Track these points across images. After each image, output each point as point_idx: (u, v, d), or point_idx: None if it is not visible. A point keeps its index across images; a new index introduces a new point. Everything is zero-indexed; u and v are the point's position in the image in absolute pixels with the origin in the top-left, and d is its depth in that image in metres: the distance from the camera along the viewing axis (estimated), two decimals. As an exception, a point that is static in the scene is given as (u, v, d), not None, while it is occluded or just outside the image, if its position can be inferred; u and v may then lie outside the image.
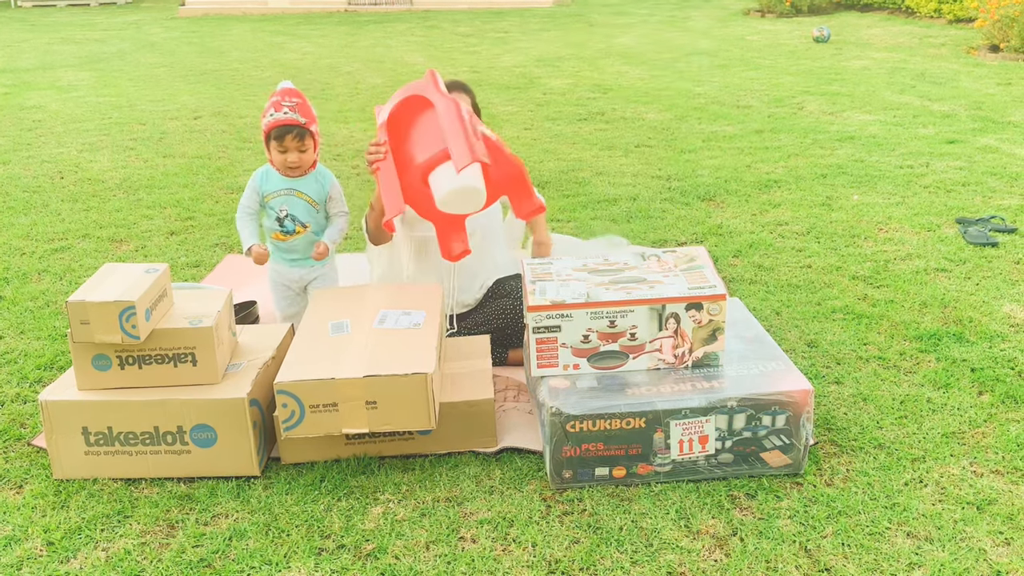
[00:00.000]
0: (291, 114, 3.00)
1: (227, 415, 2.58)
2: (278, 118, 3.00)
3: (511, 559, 2.27)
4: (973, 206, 4.75)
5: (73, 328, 2.54)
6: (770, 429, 2.53)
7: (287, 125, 3.00)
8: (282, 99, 3.00)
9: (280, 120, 2.99)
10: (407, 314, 2.84)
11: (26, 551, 2.34)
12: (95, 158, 6.19)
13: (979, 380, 3.05)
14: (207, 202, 5.18)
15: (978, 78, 8.26)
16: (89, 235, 4.66)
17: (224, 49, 11.45)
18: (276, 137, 3.02)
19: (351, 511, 2.46)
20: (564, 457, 2.51)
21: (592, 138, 6.54)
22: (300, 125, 3.01)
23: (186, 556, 2.30)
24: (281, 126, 3.00)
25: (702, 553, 2.28)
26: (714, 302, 2.61)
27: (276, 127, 3.00)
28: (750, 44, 10.95)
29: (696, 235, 4.48)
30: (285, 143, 3.02)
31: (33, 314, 3.73)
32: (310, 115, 3.06)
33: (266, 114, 3.02)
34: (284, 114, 2.99)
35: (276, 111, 3.00)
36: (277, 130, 3.01)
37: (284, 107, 2.99)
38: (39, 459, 2.73)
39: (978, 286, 3.78)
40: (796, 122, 6.81)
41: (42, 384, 3.15)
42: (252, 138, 6.69)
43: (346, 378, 2.49)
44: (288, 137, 3.02)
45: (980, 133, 6.26)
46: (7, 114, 7.65)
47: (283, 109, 2.99)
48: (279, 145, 3.03)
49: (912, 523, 2.36)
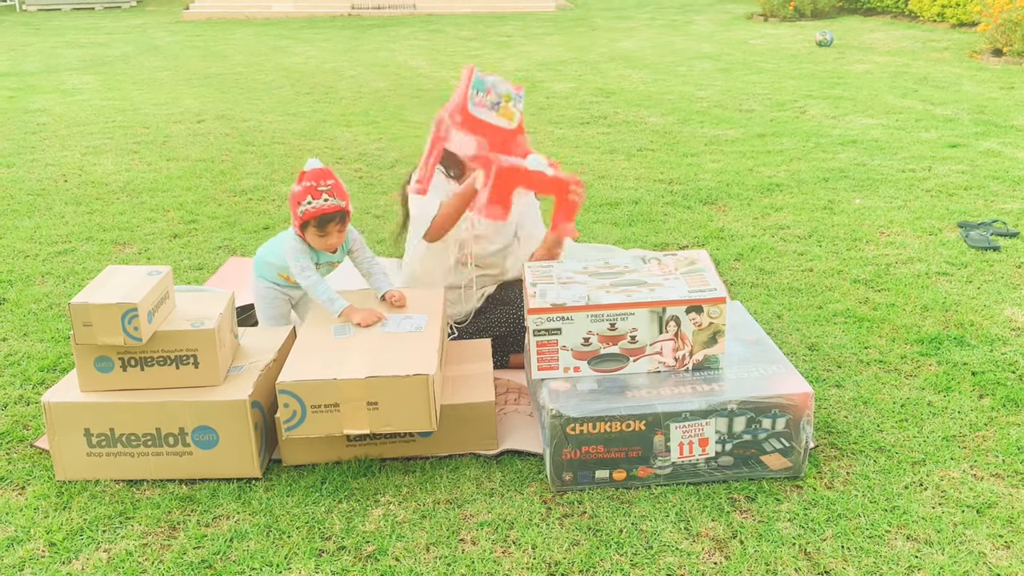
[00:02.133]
0: (331, 200, 2.85)
1: (229, 417, 2.59)
2: (319, 206, 2.83)
3: (511, 561, 2.27)
4: (975, 210, 4.75)
5: (76, 330, 2.55)
6: (770, 432, 2.53)
7: (329, 213, 2.85)
8: (317, 184, 2.84)
9: (323, 208, 2.84)
10: (409, 318, 2.85)
11: (28, 552, 2.35)
12: (99, 161, 6.21)
13: (980, 384, 3.05)
14: (210, 205, 5.20)
15: (981, 82, 8.26)
16: (92, 238, 4.67)
17: (228, 53, 11.48)
18: (318, 225, 2.87)
19: (352, 513, 2.47)
20: (564, 459, 2.51)
21: (594, 142, 6.55)
22: (341, 209, 2.88)
23: (187, 557, 2.31)
24: (325, 214, 2.85)
25: (702, 556, 2.28)
26: (714, 305, 2.62)
27: (319, 216, 2.85)
28: (753, 48, 10.96)
29: (698, 239, 4.49)
30: (327, 229, 2.89)
31: (36, 316, 3.74)
32: (344, 194, 2.91)
33: (302, 200, 2.84)
34: (324, 201, 2.83)
35: (315, 199, 2.83)
36: (320, 219, 2.86)
37: (323, 194, 2.83)
38: (41, 460, 2.74)
39: (979, 290, 3.79)
40: (798, 126, 6.82)
41: (45, 386, 3.16)
42: (255, 141, 6.71)
43: (348, 378, 2.50)
44: (331, 224, 2.88)
45: (982, 137, 6.27)
46: (12, 117, 7.67)
47: (322, 196, 2.83)
48: (320, 231, 2.89)
49: (912, 526, 2.36)
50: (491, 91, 2.96)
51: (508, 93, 2.98)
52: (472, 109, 2.94)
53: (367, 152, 6.36)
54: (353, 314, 2.82)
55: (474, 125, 2.94)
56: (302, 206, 2.84)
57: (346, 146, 6.56)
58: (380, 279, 3.04)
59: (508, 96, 2.98)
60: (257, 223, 4.86)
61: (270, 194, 5.40)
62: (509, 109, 2.98)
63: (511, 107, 2.98)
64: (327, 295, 2.87)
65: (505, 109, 2.97)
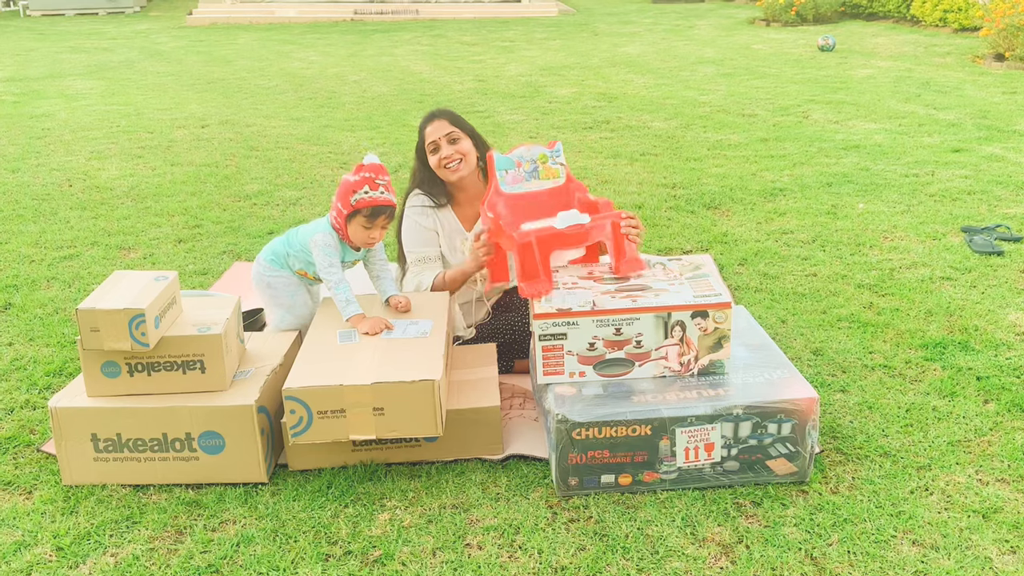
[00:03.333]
0: (387, 194, 2.88)
1: (235, 422, 2.60)
2: (376, 197, 2.85)
3: (517, 566, 2.28)
4: (979, 215, 4.76)
5: (83, 335, 2.56)
6: (776, 437, 2.54)
7: (383, 206, 2.87)
8: (376, 176, 2.86)
9: (378, 200, 2.85)
10: (415, 323, 2.86)
11: (35, 556, 2.35)
12: (103, 166, 6.23)
13: (985, 389, 3.05)
14: (214, 210, 5.21)
15: (983, 87, 8.26)
16: (97, 243, 4.69)
17: (231, 58, 11.51)
18: (369, 215, 2.87)
19: (358, 518, 2.48)
20: (570, 464, 2.51)
21: (597, 146, 6.56)
22: (394, 205, 2.91)
23: (194, 562, 2.32)
24: (379, 206, 2.87)
25: (708, 560, 2.28)
26: (720, 310, 2.62)
27: (374, 206, 2.86)
28: (755, 53, 10.97)
29: (701, 243, 4.49)
30: (377, 222, 2.90)
31: (42, 321, 3.75)
32: (394, 194, 2.94)
33: (355, 189, 2.85)
34: (381, 194, 2.86)
35: (372, 190, 2.85)
36: (374, 209, 2.87)
37: (380, 186, 2.86)
38: (48, 465, 2.75)
39: (984, 295, 3.79)
40: (801, 131, 6.82)
41: (51, 391, 3.17)
42: (259, 146, 6.73)
43: (354, 384, 2.50)
44: (382, 217, 2.89)
45: (985, 142, 6.27)
46: (16, 122, 7.70)
47: (379, 188, 2.86)
48: (368, 222, 2.89)
49: (918, 531, 2.37)
50: (521, 164, 2.98)
51: (542, 155, 2.99)
52: (507, 189, 2.96)
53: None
54: (360, 323, 2.82)
55: (518, 201, 2.94)
56: (357, 195, 2.85)
57: (349, 151, 6.58)
58: (388, 283, 3.05)
59: (543, 157, 2.99)
60: (261, 228, 4.87)
61: (274, 199, 5.41)
62: (550, 168, 2.99)
63: (551, 165, 2.99)
64: (346, 296, 2.87)
65: (546, 169, 2.99)
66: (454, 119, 3.24)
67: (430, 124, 3.23)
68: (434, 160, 3.21)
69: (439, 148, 3.19)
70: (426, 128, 3.23)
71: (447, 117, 3.24)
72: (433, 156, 3.21)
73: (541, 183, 2.99)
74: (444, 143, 3.19)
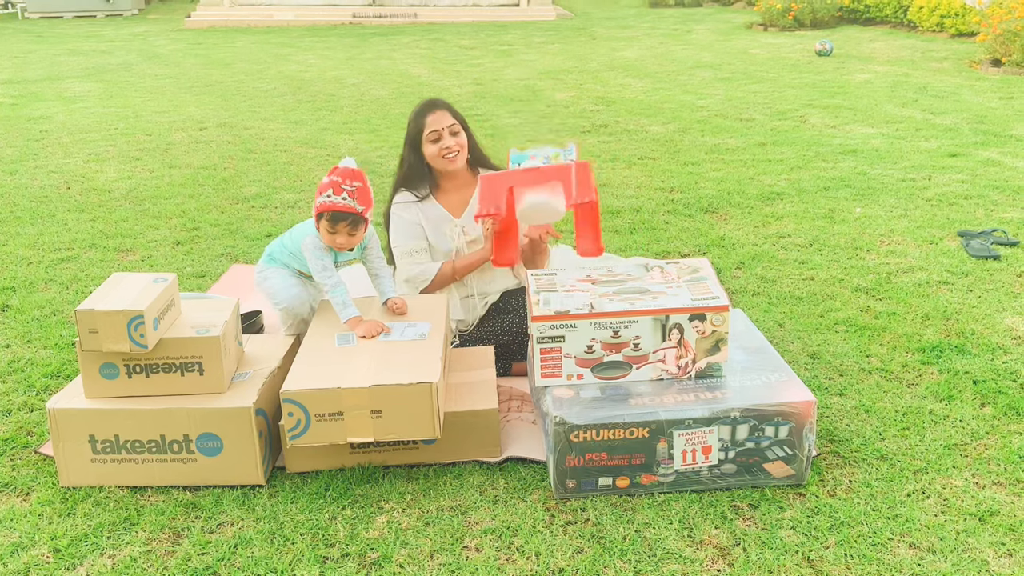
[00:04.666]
0: (349, 200, 2.84)
1: (233, 424, 2.60)
2: (335, 202, 2.83)
3: (515, 568, 2.28)
4: (975, 219, 4.77)
5: (82, 337, 2.56)
6: (773, 440, 2.54)
7: (342, 212, 2.84)
8: (342, 181, 2.84)
9: (336, 205, 2.83)
10: (412, 326, 2.86)
11: (33, 558, 2.35)
12: (101, 168, 6.23)
13: (981, 392, 3.06)
14: (212, 213, 5.21)
15: (980, 92, 8.29)
16: (95, 245, 4.69)
17: (229, 61, 11.52)
18: (330, 219, 2.86)
19: (356, 520, 2.48)
20: (568, 467, 2.52)
21: (595, 150, 6.57)
22: (356, 213, 2.86)
23: (192, 564, 2.32)
24: (336, 212, 2.84)
25: (705, 563, 2.29)
26: (717, 313, 2.63)
27: (333, 211, 2.84)
28: (753, 58, 11.00)
29: (699, 247, 4.50)
30: (337, 227, 2.87)
31: (40, 323, 3.75)
32: (368, 200, 2.90)
33: (322, 191, 2.86)
34: (343, 199, 2.83)
35: (335, 194, 2.83)
36: (333, 214, 2.85)
37: (344, 191, 2.83)
38: (46, 467, 2.75)
39: (980, 299, 3.80)
40: (799, 135, 6.84)
41: (49, 392, 3.17)
42: (257, 149, 6.73)
43: (352, 387, 2.51)
44: (341, 224, 2.87)
45: (982, 147, 6.29)
46: (14, 124, 7.69)
47: (342, 194, 2.83)
48: (331, 227, 2.88)
49: (914, 534, 2.37)
50: (535, 158, 3.05)
51: (556, 153, 3.05)
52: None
53: (369, 160, 6.38)
54: (357, 326, 2.83)
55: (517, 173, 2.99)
56: (320, 197, 2.86)
57: (348, 154, 6.58)
58: (386, 284, 3.05)
59: (556, 155, 3.05)
60: (259, 231, 4.87)
61: (272, 201, 5.41)
62: (561, 161, 3.04)
63: (562, 159, 3.03)
64: (342, 299, 2.88)
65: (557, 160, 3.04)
66: (454, 111, 3.30)
67: (431, 114, 3.24)
68: (434, 149, 3.23)
69: (441, 138, 3.22)
70: (427, 117, 3.24)
71: (448, 109, 3.29)
72: (433, 145, 3.23)
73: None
74: (446, 134, 3.23)
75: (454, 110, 3.31)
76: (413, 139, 3.29)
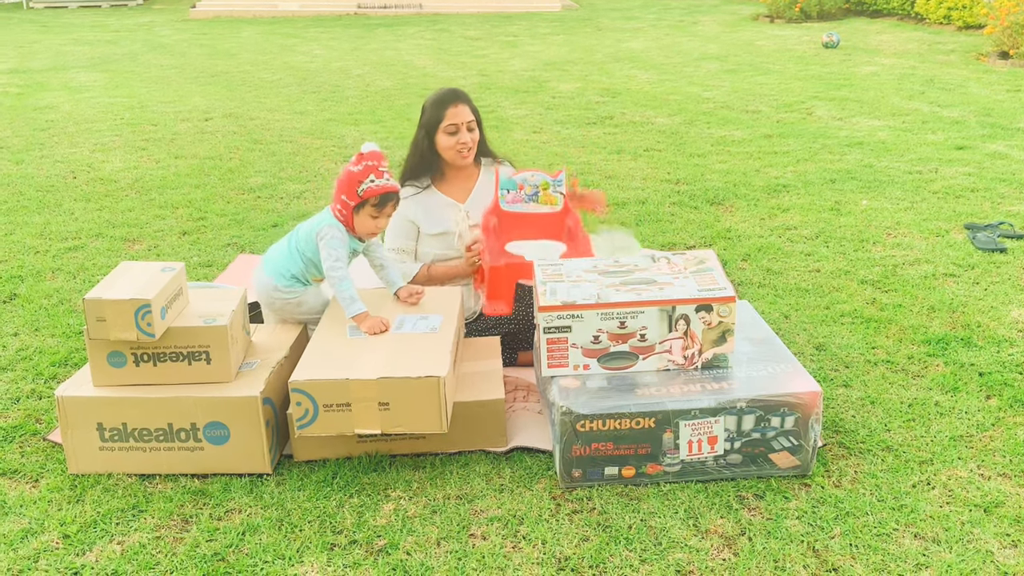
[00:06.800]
0: (391, 180, 2.86)
1: (240, 413, 2.61)
2: (383, 185, 2.83)
3: (521, 556, 2.29)
4: (982, 212, 4.76)
5: (89, 325, 2.57)
6: (779, 430, 2.55)
7: (392, 192, 2.86)
8: (379, 164, 2.84)
9: (386, 187, 2.84)
10: (424, 318, 2.86)
11: (43, 544, 2.37)
12: (107, 158, 6.24)
13: (987, 384, 3.06)
14: (218, 202, 5.22)
15: (987, 84, 8.26)
16: (102, 234, 4.70)
17: (234, 51, 11.51)
18: (378, 204, 2.85)
19: (363, 507, 2.49)
20: (574, 456, 2.53)
21: (601, 142, 6.57)
22: (399, 191, 2.91)
23: (200, 550, 2.33)
24: (387, 193, 2.85)
25: (711, 552, 2.29)
26: (724, 304, 2.63)
27: (383, 194, 2.83)
28: (759, 49, 10.96)
29: (705, 239, 4.50)
30: (385, 210, 2.88)
31: (47, 312, 3.76)
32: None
33: (363, 179, 2.83)
34: (387, 181, 2.84)
35: (378, 178, 2.83)
36: (382, 197, 2.84)
37: (384, 174, 2.85)
38: (55, 454, 2.76)
39: (986, 291, 3.80)
40: (805, 127, 6.83)
41: (57, 381, 3.18)
42: (263, 139, 6.73)
43: (360, 379, 2.51)
44: (390, 205, 2.88)
45: (989, 139, 6.27)
46: (20, 114, 7.71)
47: (384, 176, 2.84)
48: (377, 211, 2.86)
49: (920, 525, 2.38)
50: (523, 186, 3.14)
51: (544, 181, 3.15)
52: (505, 207, 3.15)
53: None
54: (363, 321, 2.82)
55: (513, 220, 3.14)
56: (364, 184, 2.82)
57: (353, 144, 6.58)
58: (394, 273, 3.04)
59: (545, 184, 3.14)
60: (266, 221, 4.88)
61: (278, 192, 5.42)
62: (550, 195, 3.15)
63: (551, 193, 3.14)
64: (350, 293, 2.84)
65: (546, 196, 3.14)
66: (473, 106, 3.31)
67: (453, 106, 3.23)
68: (450, 141, 3.24)
69: (459, 132, 3.24)
70: (448, 109, 3.23)
71: (468, 103, 3.29)
72: (451, 138, 3.24)
73: (539, 207, 3.16)
74: (464, 129, 3.25)
75: (473, 105, 3.30)
76: (429, 127, 3.28)
